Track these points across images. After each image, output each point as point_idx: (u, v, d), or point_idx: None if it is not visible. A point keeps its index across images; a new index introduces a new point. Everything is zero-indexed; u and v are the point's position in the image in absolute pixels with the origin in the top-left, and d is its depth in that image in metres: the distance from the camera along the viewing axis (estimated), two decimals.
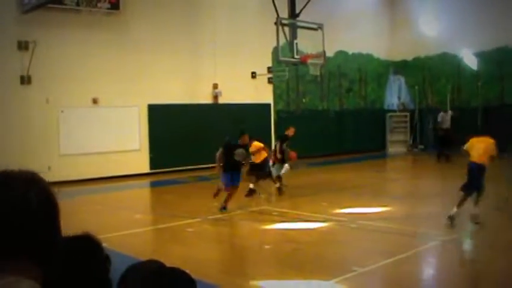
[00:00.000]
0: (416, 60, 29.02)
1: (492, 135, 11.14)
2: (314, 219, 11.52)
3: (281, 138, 16.51)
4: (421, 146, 28.58)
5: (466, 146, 10.97)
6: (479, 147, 10.59)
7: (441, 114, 23.45)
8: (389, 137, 29.03)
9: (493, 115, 26.43)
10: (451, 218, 10.34)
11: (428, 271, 8.35)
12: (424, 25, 28.33)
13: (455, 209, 10.44)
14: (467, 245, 10.00)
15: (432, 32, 27.96)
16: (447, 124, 22.69)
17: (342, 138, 26.50)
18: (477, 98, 27.20)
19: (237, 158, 12.15)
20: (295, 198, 14.21)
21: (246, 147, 13.49)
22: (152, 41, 20.14)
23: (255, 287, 7.48)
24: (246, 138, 13.30)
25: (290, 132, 16.68)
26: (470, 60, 27.38)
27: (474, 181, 10.59)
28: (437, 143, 23.24)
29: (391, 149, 28.56)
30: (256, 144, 14.71)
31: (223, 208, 12.31)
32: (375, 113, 28.98)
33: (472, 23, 26.76)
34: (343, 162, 23.11)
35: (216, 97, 21.88)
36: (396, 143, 28.86)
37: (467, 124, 27.14)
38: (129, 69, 19.55)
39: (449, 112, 23.25)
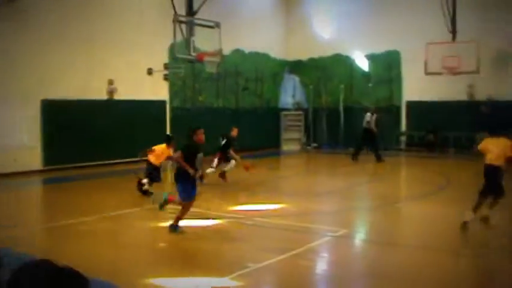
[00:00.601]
0: (311, 60, 29.72)
1: (382, 135, 11.48)
2: (209, 217, 11.56)
3: (227, 139, 17.11)
4: (315, 144, 29.27)
5: (480, 146, 10.57)
6: (494, 149, 10.15)
7: (368, 114, 24.14)
8: (284, 135, 29.53)
9: (383, 115, 27.55)
10: (465, 224, 10.01)
11: (321, 266, 8.59)
12: (318, 27, 29.10)
13: (471, 214, 10.10)
14: (357, 240, 10.33)
15: (326, 34, 28.80)
16: (373, 124, 23.31)
17: (237, 136, 26.63)
18: (368, 98, 28.23)
19: (198, 164, 10.18)
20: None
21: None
22: (48, 33, 19.43)
23: (149, 285, 7.42)
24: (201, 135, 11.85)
25: (234, 132, 17.40)
26: (361, 62, 28.39)
27: (491, 184, 10.21)
28: (364, 142, 23.69)
29: (286, 147, 29.10)
30: (161, 147, 14.46)
31: (176, 227, 10.12)
32: (270, 111, 29.39)
33: (364, 27, 27.80)
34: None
35: (111, 93, 21.44)
36: (290, 141, 29.43)
37: (359, 123, 28.17)
38: (22, 61, 18.82)
39: (374, 115, 23.80)
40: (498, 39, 24.97)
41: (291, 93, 30.21)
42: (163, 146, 14.34)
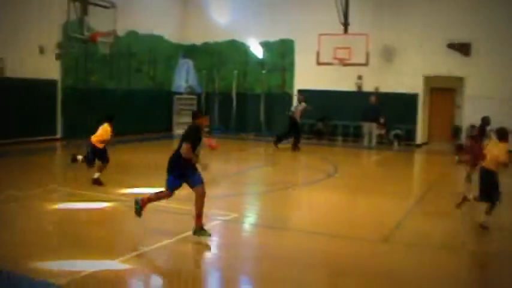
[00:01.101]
0: (206, 45, 29.69)
1: (271, 121, 11.63)
2: (100, 199, 11.41)
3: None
4: (206, 129, 29.31)
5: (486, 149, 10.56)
6: (492, 151, 10.15)
7: (295, 103, 24.37)
8: (177, 119, 29.37)
9: (275, 102, 28.10)
10: (484, 227, 10.05)
11: (210, 249, 8.68)
12: (215, 12, 29.09)
13: (486, 216, 10.15)
14: (247, 224, 10.52)
15: (223, 20, 28.84)
16: (297, 113, 23.55)
17: (129, 118, 26.21)
18: (261, 85, 28.64)
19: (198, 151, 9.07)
20: (81, 178, 13.89)
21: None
22: None
23: (35, 268, 7.25)
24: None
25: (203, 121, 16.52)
26: (256, 49, 28.71)
27: (483, 187, 10.23)
28: (290, 130, 23.90)
29: (178, 131, 28.96)
30: (104, 127, 13.58)
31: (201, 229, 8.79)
32: (163, 94, 29.15)
33: (260, 15, 28.13)
34: (129, 142, 22.95)
35: (1, 70, 20.46)
36: (183, 125, 29.27)
37: (251, 109, 28.49)
38: None
39: (302, 104, 24.03)
40: (387, 34, 26.05)
41: (184, 77, 30.05)
42: (105, 125, 13.54)
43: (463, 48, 26.01)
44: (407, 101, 26.26)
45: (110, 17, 20.14)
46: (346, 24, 25.11)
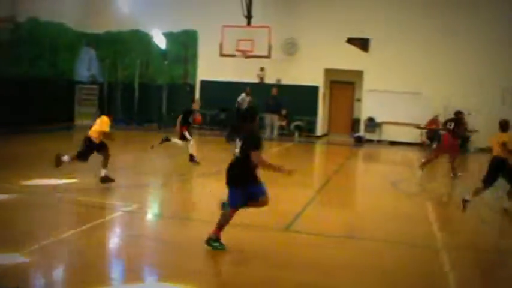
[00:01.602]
0: (109, 34, 29.18)
1: (175, 112, 11.62)
2: (6, 191, 11.08)
3: (185, 112, 16.22)
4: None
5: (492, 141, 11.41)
6: (499, 142, 11.00)
7: (242, 95, 24.23)
8: (79, 108, 28.72)
9: (177, 93, 28.08)
10: (506, 210, 11.23)
11: (112, 240, 8.67)
12: (119, 1, 28.62)
13: (508, 202, 11.25)
14: (150, 214, 10.54)
15: (126, 9, 28.40)
16: (245, 105, 23.48)
17: (29, 107, 25.35)
18: (163, 75, 28.55)
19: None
20: None
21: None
22: None
23: None
24: None
25: (196, 105, 16.93)
26: (159, 40, 28.53)
27: (494, 176, 11.07)
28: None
29: (80, 121, 28.33)
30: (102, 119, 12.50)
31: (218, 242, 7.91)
32: (65, 83, 28.38)
33: (164, 5, 27.93)
34: (29, 133, 22.32)
35: None
36: (85, 115, 28.65)
37: (153, 100, 28.33)
38: None
39: (249, 97, 24.01)
40: (289, 27, 26.61)
41: (87, 66, 29.43)
42: (103, 117, 12.45)
43: (362, 43, 26.91)
44: (308, 94, 26.94)
45: (9, 2, 19.47)
46: (249, 17, 25.42)
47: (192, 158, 16.14)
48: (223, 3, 26.49)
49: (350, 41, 27.01)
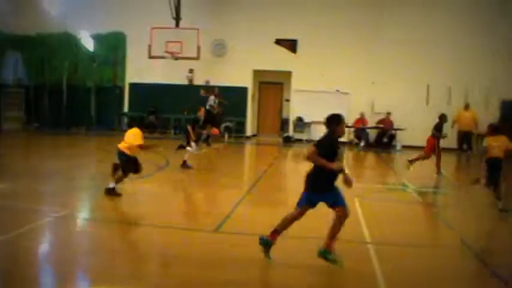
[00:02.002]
0: (36, 36, 28.65)
1: (102, 115, 11.61)
2: None
3: (194, 120, 17.27)
4: (36, 124, 28.44)
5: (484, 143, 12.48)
6: (496, 145, 12.07)
7: (212, 97, 24.03)
8: (4, 113, 28.08)
9: (106, 95, 27.85)
10: (502, 210, 11.83)
11: (42, 246, 8.63)
12: (47, 3, 28.14)
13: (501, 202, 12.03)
14: (80, 219, 10.51)
15: (54, 10, 27.96)
16: (215, 108, 23.34)
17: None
18: (92, 78, 28.25)
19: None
20: None
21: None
22: None
23: None
24: None
25: (201, 112, 17.88)
26: (87, 42, 28.22)
27: (493, 175, 12.06)
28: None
29: (6, 126, 27.75)
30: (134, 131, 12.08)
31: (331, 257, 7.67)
32: None
33: (92, 7, 27.65)
34: None
35: None
36: (11, 120, 28.12)
37: (81, 102, 27.99)
38: None
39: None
40: (218, 29, 26.81)
41: (12, 68, 28.78)
42: (135, 130, 12.03)
43: (290, 45, 27.36)
44: (237, 95, 27.21)
45: None
46: (177, 19, 25.46)
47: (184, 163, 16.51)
48: (152, 5, 26.49)
49: (278, 42, 27.42)
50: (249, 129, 28.50)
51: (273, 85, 30.09)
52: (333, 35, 26.96)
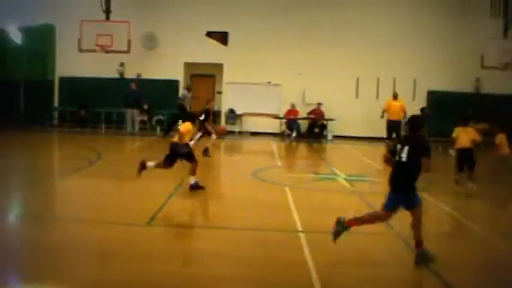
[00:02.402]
0: None
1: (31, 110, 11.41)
2: None
3: (206, 113, 17.19)
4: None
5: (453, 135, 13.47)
6: (464, 136, 13.16)
7: (184, 92, 23.53)
8: None
9: (35, 89, 27.26)
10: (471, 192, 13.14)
11: None
12: None
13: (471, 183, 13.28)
14: (11, 217, 10.33)
15: None
16: (187, 101, 22.96)
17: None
18: (21, 72, 27.60)
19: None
20: None
21: None
22: None
23: None
24: None
25: (211, 105, 17.87)
26: (15, 34, 27.51)
27: (464, 163, 13.28)
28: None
29: None
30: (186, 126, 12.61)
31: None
32: None
33: None
34: None
35: None
36: None
37: (9, 96, 27.29)
38: None
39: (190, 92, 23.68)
40: (148, 21, 26.66)
41: None
42: (188, 124, 12.61)
43: (221, 37, 27.43)
44: (169, 87, 27.15)
45: None
46: (108, 11, 25.20)
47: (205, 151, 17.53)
48: None
49: (209, 34, 27.45)
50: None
51: (204, 77, 30.14)
52: (264, 27, 27.21)
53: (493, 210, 12.64)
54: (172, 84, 27.45)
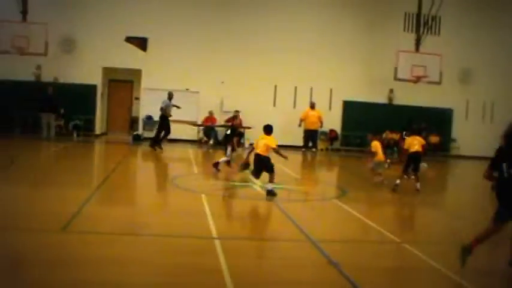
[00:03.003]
0: None
1: None
2: None
3: (233, 128, 18.77)
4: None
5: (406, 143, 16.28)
6: (416, 143, 15.73)
7: (165, 100, 22.69)
8: None
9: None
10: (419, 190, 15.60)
11: None
12: None
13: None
14: None
15: None
16: (169, 110, 22.30)
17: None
18: None
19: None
20: None
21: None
22: None
23: None
24: None
25: (238, 121, 19.28)
26: None
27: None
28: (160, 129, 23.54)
29: None
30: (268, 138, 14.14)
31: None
32: None
33: None
34: None
35: None
36: None
37: None
38: None
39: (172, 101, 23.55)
40: (67, 24, 26.25)
41: None
42: (270, 137, 14.18)
43: (140, 43, 27.35)
44: (86, 92, 26.89)
45: None
46: (25, 12, 24.68)
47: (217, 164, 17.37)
48: None
49: (128, 39, 27.30)
50: (98, 128, 28.15)
51: (123, 83, 29.92)
52: (183, 34, 27.37)
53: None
54: (90, 88, 27.12)
